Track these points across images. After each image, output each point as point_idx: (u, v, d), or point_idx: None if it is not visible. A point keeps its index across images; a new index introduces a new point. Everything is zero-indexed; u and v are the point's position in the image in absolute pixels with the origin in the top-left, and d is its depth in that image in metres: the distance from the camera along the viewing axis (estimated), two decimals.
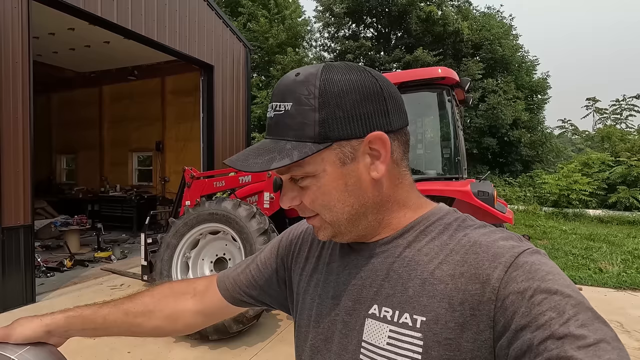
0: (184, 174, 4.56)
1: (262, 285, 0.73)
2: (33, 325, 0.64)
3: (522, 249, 0.47)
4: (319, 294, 0.62)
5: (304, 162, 0.52)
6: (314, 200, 0.54)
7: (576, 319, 0.39)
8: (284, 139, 0.51)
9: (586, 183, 11.81)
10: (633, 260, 6.40)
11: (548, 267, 0.45)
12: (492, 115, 15.11)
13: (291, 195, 0.56)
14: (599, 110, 17.05)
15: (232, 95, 8.29)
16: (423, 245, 0.53)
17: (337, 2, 17.90)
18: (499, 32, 16.77)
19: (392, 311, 0.51)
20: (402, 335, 0.49)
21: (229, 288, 0.74)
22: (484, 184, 3.12)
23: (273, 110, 0.54)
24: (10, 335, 0.62)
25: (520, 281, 0.43)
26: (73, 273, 5.58)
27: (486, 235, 0.50)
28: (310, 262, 0.67)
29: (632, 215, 10.86)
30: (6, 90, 4.09)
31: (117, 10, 5.44)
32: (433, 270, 0.50)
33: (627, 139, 13.85)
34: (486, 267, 0.46)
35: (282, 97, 0.53)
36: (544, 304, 0.41)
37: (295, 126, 0.51)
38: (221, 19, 7.84)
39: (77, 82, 10.12)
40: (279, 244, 0.74)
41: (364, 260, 0.58)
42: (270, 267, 0.73)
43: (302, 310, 0.65)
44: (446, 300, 0.47)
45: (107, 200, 9.33)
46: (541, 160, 16.82)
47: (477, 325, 0.45)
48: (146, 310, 0.72)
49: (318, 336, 0.60)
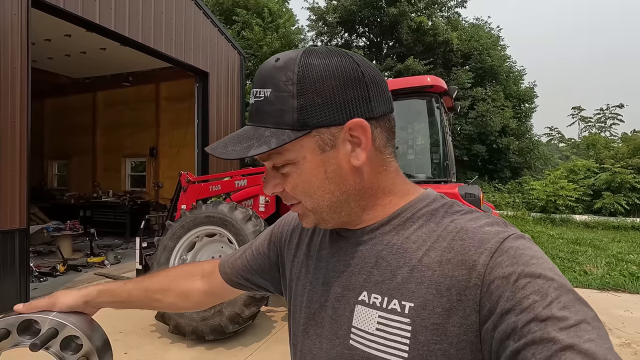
0: (180, 179, 4.64)
1: (256, 270, 0.76)
2: (74, 295, 0.72)
3: (507, 234, 0.48)
4: (310, 280, 0.63)
5: (283, 149, 0.52)
6: (294, 187, 0.55)
7: (558, 302, 0.40)
8: (263, 126, 0.51)
9: (572, 189, 12.13)
10: (616, 263, 6.62)
11: (532, 251, 0.46)
12: (482, 122, 15.47)
13: (274, 182, 0.56)
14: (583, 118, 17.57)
15: (227, 102, 8.40)
16: (411, 233, 0.54)
17: (330, 12, 18.25)
18: (487, 43, 17.25)
19: (382, 298, 0.52)
20: (391, 321, 0.50)
21: (227, 272, 0.79)
22: (471, 187, 3.27)
23: (254, 97, 0.53)
24: (55, 304, 0.70)
25: (505, 266, 0.44)
26: (66, 278, 5.56)
27: (472, 221, 0.51)
28: (302, 249, 0.68)
29: (616, 221, 11.17)
30: (4, 95, 4.14)
31: (114, 18, 5.54)
32: (421, 257, 0.51)
33: (611, 146, 14.27)
34: (472, 253, 0.47)
35: (261, 84, 0.52)
36: (527, 287, 0.42)
37: (274, 113, 0.51)
38: (216, 27, 7.99)
39: (71, 88, 10.14)
40: (272, 231, 0.77)
41: (352, 248, 0.59)
42: (263, 254, 0.76)
43: (294, 297, 0.67)
44: (434, 286, 0.48)
45: (99, 206, 9.30)
46: (529, 167, 17.21)
47: (464, 310, 0.46)
48: (162, 289, 0.79)
49: (309, 322, 0.61)
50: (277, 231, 0.76)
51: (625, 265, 6.47)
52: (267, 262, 0.75)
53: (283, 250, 0.73)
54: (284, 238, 0.73)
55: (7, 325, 0.62)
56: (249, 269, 0.77)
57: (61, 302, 0.70)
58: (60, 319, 0.65)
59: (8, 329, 0.62)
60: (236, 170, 7.32)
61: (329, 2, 18.36)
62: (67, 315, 0.67)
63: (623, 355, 3.35)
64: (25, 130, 4.35)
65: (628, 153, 13.07)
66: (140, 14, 6.03)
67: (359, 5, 17.48)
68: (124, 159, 10.46)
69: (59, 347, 0.63)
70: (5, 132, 4.15)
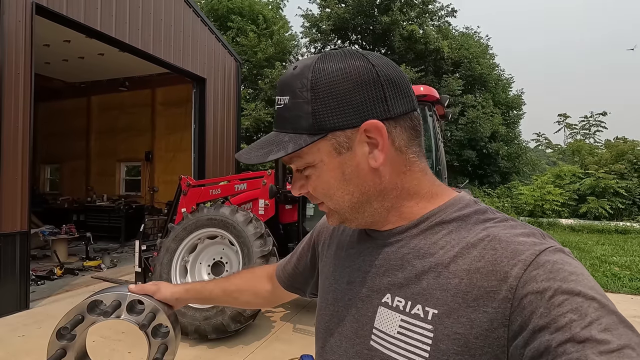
0: (180, 182, 4.74)
1: (302, 272, 0.80)
2: (170, 290, 0.81)
3: (545, 247, 0.45)
4: (336, 278, 0.64)
5: (302, 152, 0.54)
6: (315, 188, 0.57)
7: (599, 323, 0.37)
8: (284, 132, 0.54)
9: (558, 194, 12.52)
10: (600, 265, 6.89)
11: (572, 267, 0.43)
12: (472, 128, 15.86)
13: (299, 184, 0.59)
14: (569, 125, 18.13)
15: (223, 107, 8.52)
16: (439, 238, 0.53)
17: (323, 20, 18.55)
18: (477, 51, 17.75)
19: (405, 301, 0.52)
20: (413, 325, 0.50)
21: (281, 275, 0.85)
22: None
23: (276, 104, 0.56)
24: (157, 292, 0.78)
25: (540, 281, 0.42)
26: (63, 281, 5.58)
27: (506, 230, 0.49)
28: (332, 248, 0.70)
29: (600, 224, 11.56)
30: (8, 100, 4.21)
31: (115, 25, 5.65)
32: (448, 263, 0.50)
33: (595, 152, 14.78)
34: (504, 264, 0.45)
35: (281, 91, 0.55)
36: (564, 305, 0.39)
37: (291, 119, 0.53)
38: (213, 34, 8.13)
39: (66, 92, 10.14)
40: (313, 232, 0.79)
41: (378, 249, 0.59)
42: (306, 257, 0.79)
43: (321, 293, 0.68)
44: (460, 295, 0.47)
45: (94, 210, 9.27)
46: (518, 172, 17.68)
47: (490, 322, 0.44)
48: (237, 289, 0.89)
49: (332, 319, 0.62)
50: (317, 231, 0.78)
51: (608, 266, 6.75)
52: (308, 264, 0.79)
53: (320, 250, 0.75)
54: (321, 239, 0.75)
55: (120, 298, 0.73)
56: (298, 272, 0.81)
57: (161, 292, 0.79)
58: (160, 306, 0.74)
59: (120, 301, 0.73)
60: (234, 175, 7.44)
61: (323, 10, 18.67)
62: (163, 305, 0.77)
63: None
64: (28, 134, 4.42)
65: (611, 159, 13.55)
66: (140, 21, 6.15)
67: (352, 13, 17.83)
68: (118, 163, 10.46)
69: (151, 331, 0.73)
70: (8, 136, 4.22)
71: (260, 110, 15.77)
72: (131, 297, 0.73)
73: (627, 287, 5.57)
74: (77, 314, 0.70)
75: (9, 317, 4.09)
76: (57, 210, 9.55)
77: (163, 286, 0.80)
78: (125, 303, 0.73)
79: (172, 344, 0.73)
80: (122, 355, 3.27)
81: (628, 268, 6.59)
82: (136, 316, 0.73)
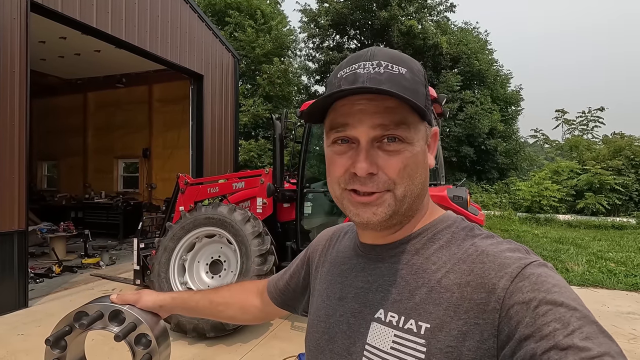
0: (178, 181, 4.74)
1: (294, 289, 0.80)
2: (153, 298, 0.79)
3: (529, 261, 0.48)
4: (328, 295, 0.64)
5: (413, 124, 0.52)
6: (404, 166, 0.52)
7: (581, 332, 0.39)
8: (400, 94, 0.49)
9: (556, 190, 12.56)
10: (596, 261, 6.94)
11: (555, 279, 0.45)
12: (470, 124, 15.85)
13: (373, 160, 0.52)
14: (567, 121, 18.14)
15: (221, 103, 8.49)
16: (431, 254, 0.54)
17: (322, 14, 18.42)
18: (475, 47, 17.67)
19: (398, 317, 0.52)
20: (406, 340, 0.50)
21: (273, 291, 0.84)
22: (459, 190, 3.47)
23: (383, 68, 0.51)
24: (138, 301, 0.77)
25: (526, 292, 0.44)
26: (62, 279, 5.59)
27: (494, 246, 0.51)
28: (325, 265, 0.70)
29: (597, 220, 11.62)
30: (4, 98, 4.18)
31: (111, 21, 5.60)
32: (440, 278, 0.51)
33: (593, 148, 14.79)
34: (492, 276, 0.47)
35: (394, 61, 0.52)
36: (548, 315, 0.41)
37: (411, 90, 0.51)
38: (211, 30, 8.07)
39: (62, 88, 10.07)
40: (308, 250, 0.79)
41: (371, 265, 0.59)
42: (299, 274, 0.79)
43: (312, 310, 0.68)
44: (452, 308, 0.48)
45: (92, 207, 9.26)
46: (516, 167, 17.70)
47: (481, 333, 0.45)
48: (225, 302, 0.86)
49: (323, 336, 0.62)
50: (311, 249, 0.78)
51: (604, 262, 6.80)
52: (300, 281, 0.78)
53: (312, 269, 0.74)
54: (315, 257, 0.75)
55: (102, 309, 0.74)
56: (289, 289, 0.80)
57: (144, 301, 0.77)
58: (140, 316, 0.74)
59: (103, 312, 0.74)
60: (232, 173, 7.43)
61: (321, 5, 18.53)
62: (146, 314, 0.77)
63: None
64: (24, 132, 4.40)
65: (608, 155, 13.58)
66: (136, 17, 6.09)
67: (351, 8, 17.71)
68: (116, 160, 10.43)
69: (134, 340, 0.73)
70: (4, 134, 4.19)
71: (258, 106, 15.70)
72: (111, 307, 0.74)
73: (622, 284, 5.62)
74: (65, 325, 0.73)
75: (8, 315, 4.10)
76: (55, 207, 9.53)
77: (145, 294, 0.79)
78: (107, 314, 0.74)
79: (156, 354, 0.72)
80: (121, 354, 3.29)
81: (624, 264, 6.65)
82: (118, 326, 0.73)
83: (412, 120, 0.52)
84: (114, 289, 5.20)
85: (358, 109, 0.51)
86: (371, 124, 0.51)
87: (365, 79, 0.51)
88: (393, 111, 0.51)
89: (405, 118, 0.51)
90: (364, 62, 0.52)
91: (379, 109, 0.51)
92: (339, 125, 0.53)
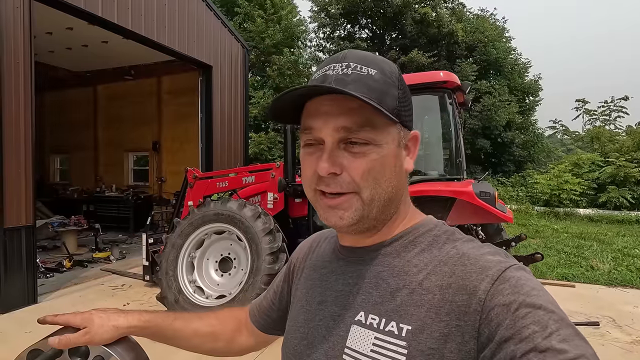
0: (187, 175, 4.59)
1: (279, 307, 0.74)
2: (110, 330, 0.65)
3: (509, 264, 0.48)
4: (308, 300, 0.63)
5: (379, 126, 0.52)
6: (370, 169, 0.51)
7: (558, 334, 0.40)
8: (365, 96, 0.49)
9: (576, 183, 12.08)
10: (623, 258, 6.59)
11: (533, 283, 0.46)
12: (486, 116, 15.36)
13: (336, 160, 0.52)
14: (588, 111, 17.44)
15: (230, 95, 8.31)
16: (413, 257, 0.54)
17: (332, 3, 17.99)
18: (493, 35, 17.04)
19: (379, 319, 0.52)
20: (387, 343, 0.50)
21: (256, 315, 0.77)
22: (485, 185, 3.22)
23: (351, 69, 0.52)
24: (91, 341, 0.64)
25: (507, 294, 0.44)
26: (72, 274, 5.55)
27: (474, 249, 0.52)
28: (305, 271, 0.68)
29: (621, 215, 11.14)
30: (8, 90, 4.07)
31: (117, 10, 5.44)
32: (422, 280, 0.51)
33: (616, 139, 14.19)
34: (473, 278, 0.47)
35: (364, 62, 0.53)
36: (527, 317, 0.42)
37: (378, 91, 0.51)
38: (219, 20, 7.86)
39: (72, 81, 10.04)
40: (289, 265, 0.75)
41: (351, 267, 0.59)
42: (284, 289, 0.74)
43: (291, 316, 0.65)
44: (433, 310, 0.48)
45: (102, 201, 9.27)
46: (533, 160, 17.15)
47: (462, 335, 0.45)
48: (212, 332, 0.75)
49: (302, 342, 0.60)
50: (291, 263, 0.75)
51: (632, 260, 6.45)
52: (285, 297, 0.73)
53: (294, 279, 0.71)
54: (296, 265, 0.73)
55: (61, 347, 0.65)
56: (274, 308, 0.74)
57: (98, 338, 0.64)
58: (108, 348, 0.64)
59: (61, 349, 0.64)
60: (242, 167, 7.28)
61: None
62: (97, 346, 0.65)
63: (634, 354, 3.33)
64: (30, 126, 4.29)
65: (633, 146, 13.00)
66: (143, 6, 5.92)
67: None
68: (126, 153, 10.41)
69: None
70: (9, 128, 4.09)
71: (268, 98, 15.51)
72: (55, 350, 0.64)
73: None
74: None
75: (16, 312, 4.05)
76: (67, 200, 9.58)
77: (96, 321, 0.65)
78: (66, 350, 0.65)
79: None
80: None
81: None
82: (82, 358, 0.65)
83: (378, 122, 0.52)
84: (123, 284, 5.13)
85: (324, 110, 0.52)
86: (335, 126, 0.51)
87: (332, 80, 0.52)
88: (355, 112, 0.51)
89: (370, 120, 0.51)
90: (334, 64, 0.54)
91: (342, 109, 0.51)
92: (307, 127, 0.54)
